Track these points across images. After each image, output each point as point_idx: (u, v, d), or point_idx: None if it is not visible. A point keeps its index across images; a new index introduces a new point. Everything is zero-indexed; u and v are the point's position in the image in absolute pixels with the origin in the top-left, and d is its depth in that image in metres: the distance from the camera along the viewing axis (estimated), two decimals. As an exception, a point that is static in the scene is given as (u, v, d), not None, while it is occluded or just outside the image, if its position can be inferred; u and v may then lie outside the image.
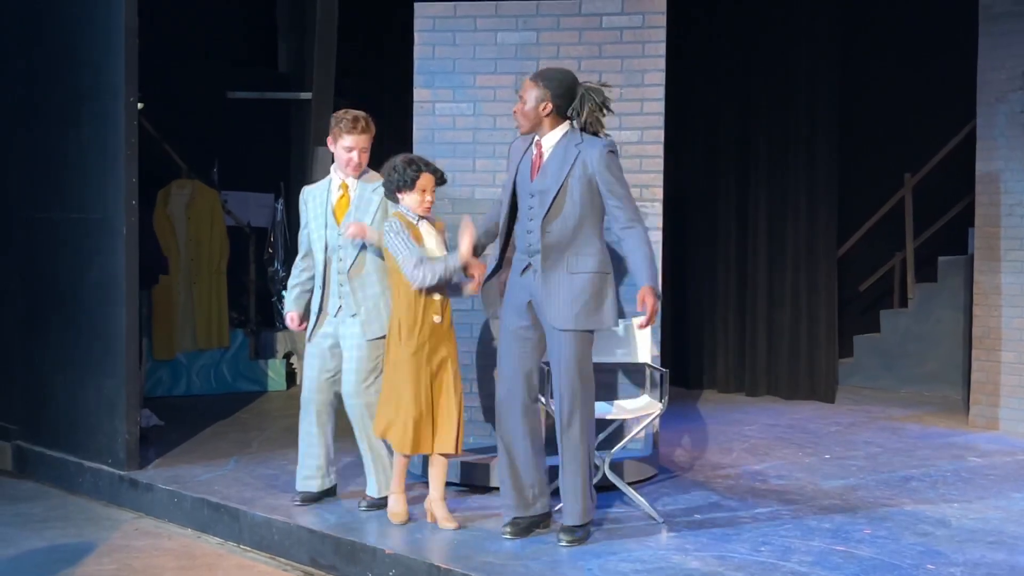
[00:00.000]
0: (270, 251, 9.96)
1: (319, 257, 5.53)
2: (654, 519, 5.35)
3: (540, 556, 4.79)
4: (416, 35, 6.47)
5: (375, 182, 5.46)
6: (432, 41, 6.44)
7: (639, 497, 5.47)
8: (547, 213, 4.86)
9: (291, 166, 10.67)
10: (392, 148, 7.87)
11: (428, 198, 5.18)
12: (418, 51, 6.47)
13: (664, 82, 6.34)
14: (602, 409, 5.59)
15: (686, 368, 9.77)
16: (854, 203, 9.60)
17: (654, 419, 5.66)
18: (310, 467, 5.69)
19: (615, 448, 5.59)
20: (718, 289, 9.72)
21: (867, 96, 9.64)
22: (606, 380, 6.15)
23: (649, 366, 5.86)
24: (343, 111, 5.49)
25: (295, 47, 10.75)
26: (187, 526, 5.83)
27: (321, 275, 5.52)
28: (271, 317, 9.90)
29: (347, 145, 5.40)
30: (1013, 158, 7.89)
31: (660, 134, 6.34)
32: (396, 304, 5.19)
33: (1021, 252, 7.81)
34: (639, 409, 5.67)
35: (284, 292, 6.00)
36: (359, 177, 5.51)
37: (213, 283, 9.38)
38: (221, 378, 9.34)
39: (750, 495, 5.93)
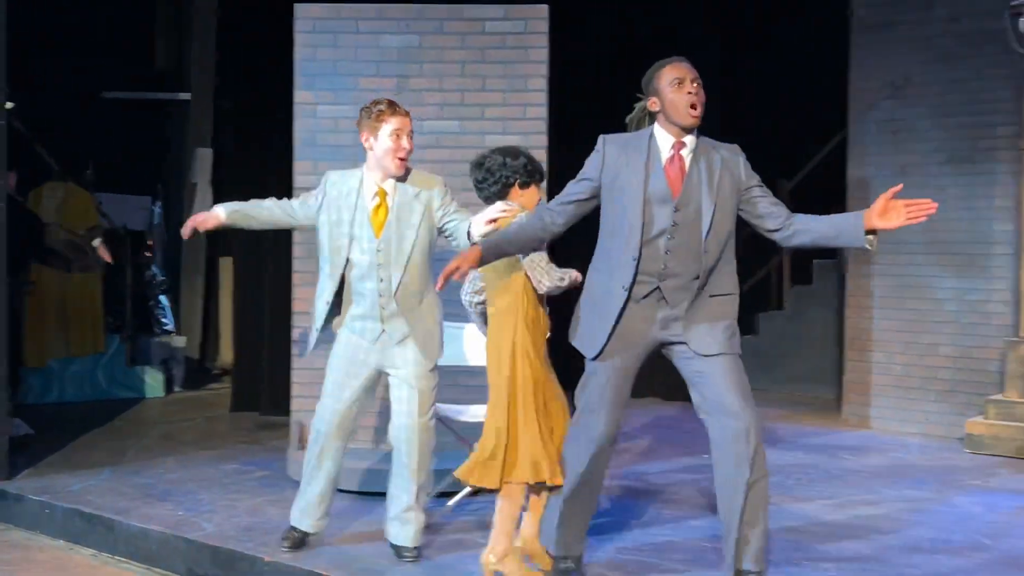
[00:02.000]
0: (147, 255, 9.76)
1: (336, 262, 4.75)
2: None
3: (424, 560, 4.78)
4: (296, 36, 6.41)
5: (418, 186, 4.79)
6: (313, 42, 6.39)
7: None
8: (709, 231, 4.16)
9: (169, 168, 10.48)
10: (275, 150, 7.88)
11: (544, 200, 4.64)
12: (299, 52, 6.41)
13: (547, 87, 6.40)
14: (454, 412, 5.60)
15: (567, 371, 9.82)
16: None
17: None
18: (319, 503, 4.91)
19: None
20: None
21: (744, 103, 9.86)
22: (466, 382, 6.15)
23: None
24: (368, 103, 4.79)
25: (173, 46, 10.58)
26: (59, 538, 5.67)
27: (335, 289, 4.78)
28: (148, 322, 9.69)
29: (393, 128, 4.67)
30: (883, 164, 8.17)
31: (543, 139, 6.40)
32: (507, 323, 4.48)
33: (891, 256, 8.08)
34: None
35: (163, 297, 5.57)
36: (400, 179, 4.78)
37: (88, 287, 9.13)
38: (96, 385, 9.10)
39: (631, 496, 6.01)
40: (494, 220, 4.47)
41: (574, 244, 4.95)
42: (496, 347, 4.49)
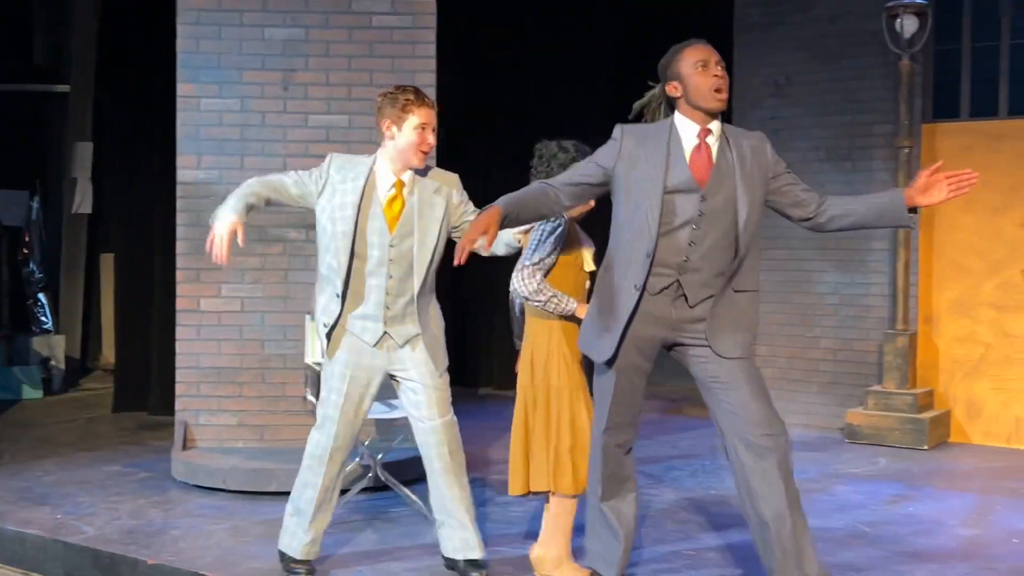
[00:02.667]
0: (25, 251, 9.46)
1: (342, 261, 4.31)
2: (429, 518, 5.34)
3: (318, 562, 4.73)
4: (179, 28, 6.27)
5: (438, 181, 4.47)
6: (196, 35, 6.26)
7: (413, 497, 5.47)
8: (745, 223, 3.86)
9: (47, 162, 10.16)
10: (157, 144, 7.71)
11: (591, 206, 4.33)
12: (181, 44, 6.27)
13: (435, 82, 6.37)
14: (380, 410, 5.58)
15: (465, 368, 9.85)
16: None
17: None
18: (317, 528, 4.48)
19: (388, 448, 5.56)
20: (494, 290, 9.82)
21: (633, 98, 9.93)
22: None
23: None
24: (387, 93, 4.38)
25: (52, 37, 10.25)
26: (-70, 544, 5.47)
27: (342, 287, 4.33)
28: (26, 321, 9.39)
29: (420, 122, 4.31)
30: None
31: (431, 134, 6.37)
32: (543, 328, 4.30)
33: (776, 251, 8.24)
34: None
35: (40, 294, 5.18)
36: (419, 172, 4.43)
37: (-39, 285, 8.83)
38: (-30, 386, 8.82)
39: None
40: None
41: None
42: (530, 352, 4.31)
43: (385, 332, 4.33)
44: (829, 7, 8.09)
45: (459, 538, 4.46)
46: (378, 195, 4.32)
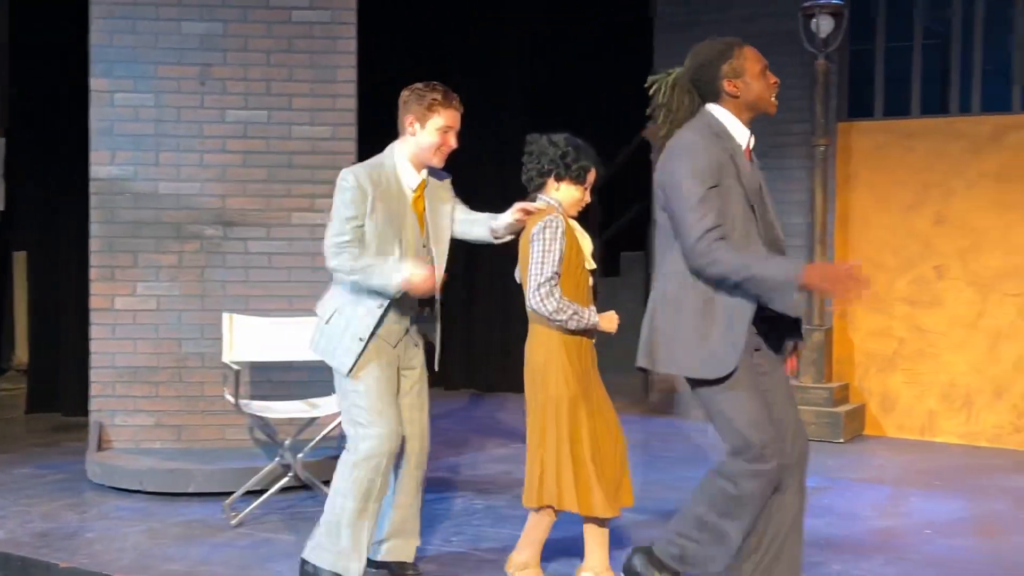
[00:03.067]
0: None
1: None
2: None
3: (230, 561, 4.67)
4: (92, 22, 6.14)
5: (443, 178, 4.40)
6: (110, 28, 6.14)
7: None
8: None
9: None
10: (71, 139, 7.54)
11: (587, 200, 4.26)
12: (94, 38, 6.15)
13: (356, 78, 6.33)
14: (297, 408, 5.53)
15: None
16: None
17: (347, 416, 5.61)
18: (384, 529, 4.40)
19: (307, 447, 5.51)
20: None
21: (550, 101, 9.95)
22: (300, 378, 6.10)
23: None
24: (415, 89, 4.23)
25: (-40, 29, 9.98)
26: None
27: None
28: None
29: (444, 124, 4.17)
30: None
31: (353, 130, 6.33)
32: (541, 336, 4.16)
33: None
34: (331, 406, 5.60)
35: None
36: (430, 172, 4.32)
37: None
38: None
39: (444, 487, 6.02)
40: (527, 213, 4.16)
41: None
42: (530, 362, 4.17)
43: (407, 331, 4.30)
44: (746, 7, 8.19)
45: (412, 546, 4.45)
46: (407, 196, 4.23)
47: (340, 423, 4.78)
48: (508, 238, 4.33)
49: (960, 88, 7.73)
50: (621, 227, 10.13)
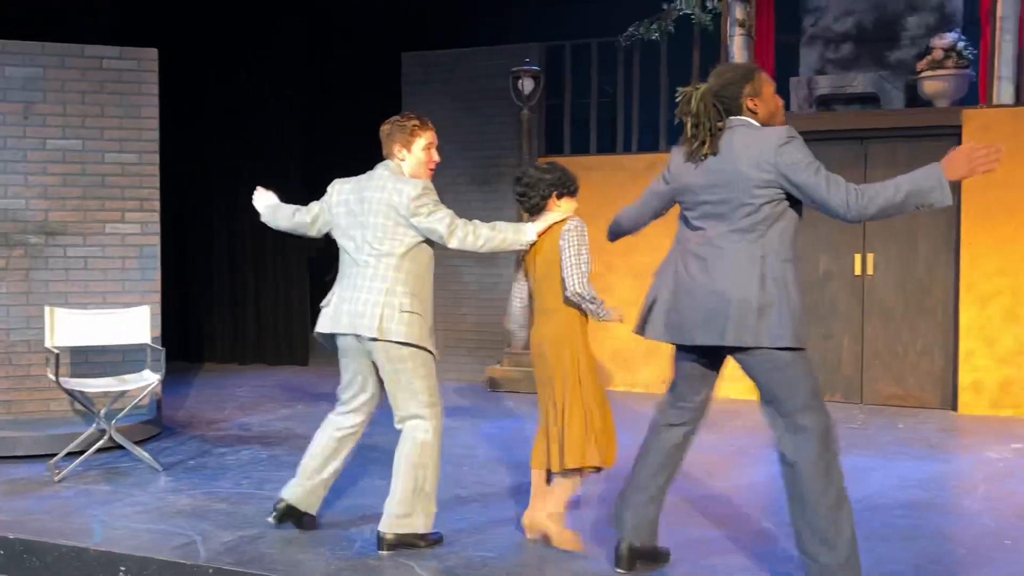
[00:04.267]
0: None
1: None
2: (156, 468, 5.11)
3: (54, 510, 4.39)
4: (-76, 63, 5.60)
5: None
6: (-59, 69, 5.62)
7: (143, 452, 5.20)
8: None
9: None
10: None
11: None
12: (-74, 77, 5.61)
13: (158, 115, 6.05)
14: (110, 383, 5.25)
15: (188, 346, 9.42)
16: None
17: (153, 388, 5.36)
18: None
19: (120, 414, 5.24)
20: (213, 282, 9.48)
21: (322, 142, 9.82)
22: (113, 359, 5.81)
23: (149, 345, 5.57)
24: (394, 122, 3.95)
25: None
26: None
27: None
28: None
29: (429, 142, 3.93)
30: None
31: (156, 157, 6.05)
32: (562, 317, 3.82)
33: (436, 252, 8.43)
34: (140, 380, 5.37)
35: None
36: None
37: None
38: None
39: (237, 442, 5.86)
40: (547, 226, 3.86)
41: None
42: (550, 341, 3.78)
43: None
44: (469, 69, 8.36)
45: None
46: None
47: (147, 393, 4.51)
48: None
49: (624, 133, 8.12)
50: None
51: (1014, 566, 3.69)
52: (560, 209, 3.88)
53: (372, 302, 3.75)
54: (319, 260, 10.00)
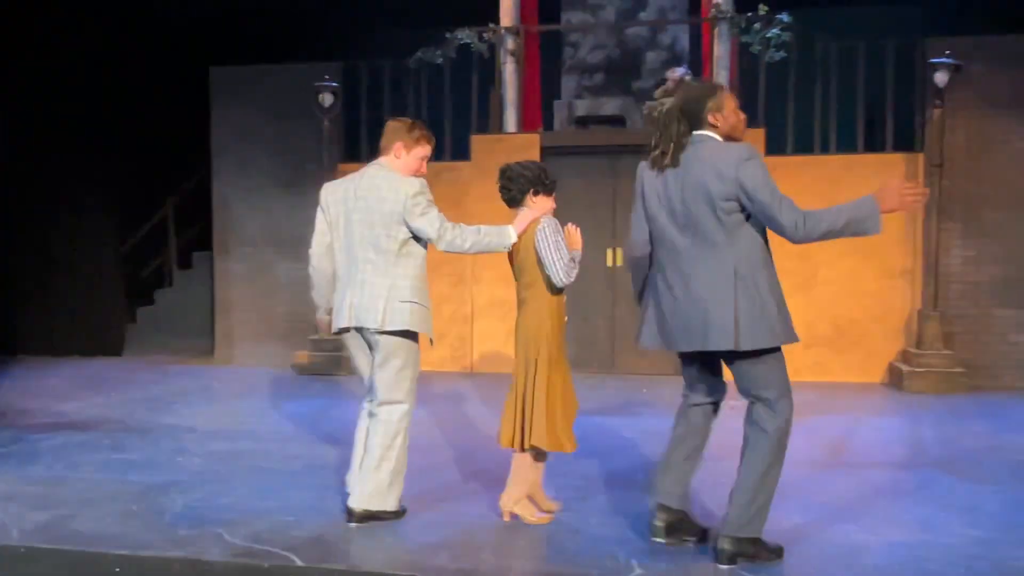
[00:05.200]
0: None
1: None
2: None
3: None
4: None
5: None
6: None
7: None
8: None
9: None
10: None
11: (554, 206, 3.84)
12: None
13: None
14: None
15: (2, 339, 8.79)
16: (136, 216, 9.39)
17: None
18: None
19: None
20: (26, 274, 8.86)
21: (134, 142, 9.39)
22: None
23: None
24: (404, 121, 3.81)
25: None
26: None
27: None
28: None
29: (424, 154, 3.80)
30: (237, 185, 8.37)
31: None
32: (534, 308, 3.71)
33: (243, 248, 8.33)
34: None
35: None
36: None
37: None
38: None
39: (51, 429, 5.60)
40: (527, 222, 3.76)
41: None
42: (526, 329, 3.70)
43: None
44: (275, 84, 8.28)
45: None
46: None
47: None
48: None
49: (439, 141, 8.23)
50: (192, 234, 9.80)
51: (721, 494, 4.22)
52: (536, 205, 3.78)
53: (376, 296, 3.65)
54: (133, 254, 9.60)
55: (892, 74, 7.41)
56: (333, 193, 3.82)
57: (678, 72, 9.04)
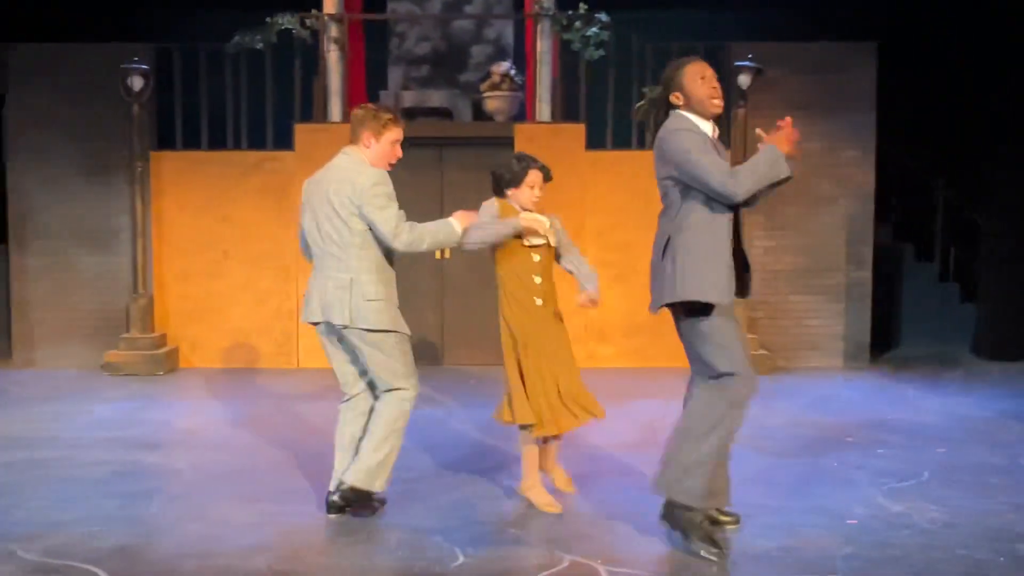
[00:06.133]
0: None
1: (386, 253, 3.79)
2: None
3: None
4: None
5: None
6: None
7: None
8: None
9: None
10: None
11: (536, 192, 3.88)
12: None
13: None
14: None
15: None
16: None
17: None
18: None
19: None
20: None
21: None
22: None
23: None
24: (369, 109, 3.80)
25: None
26: None
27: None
28: None
29: (396, 138, 3.77)
30: (33, 175, 7.76)
31: None
32: (499, 293, 3.90)
33: (42, 241, 7.74)
34: None
35: None
36: None
37: None
38: None
39: None
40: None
41: None
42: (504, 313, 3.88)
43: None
44: (79, 65, 7.72)
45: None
46: None
47: None
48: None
49: (234, 131, 7.96)
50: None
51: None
52: (516, 198, 3.89)
53: (340, 291, 3.65)
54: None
55: (701, 75, 7.88)
56: (307, 190, 3.84)
57: (503, 66, 9.26)
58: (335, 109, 7.82)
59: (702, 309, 3.32)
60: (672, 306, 3.38)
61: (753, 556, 3.40)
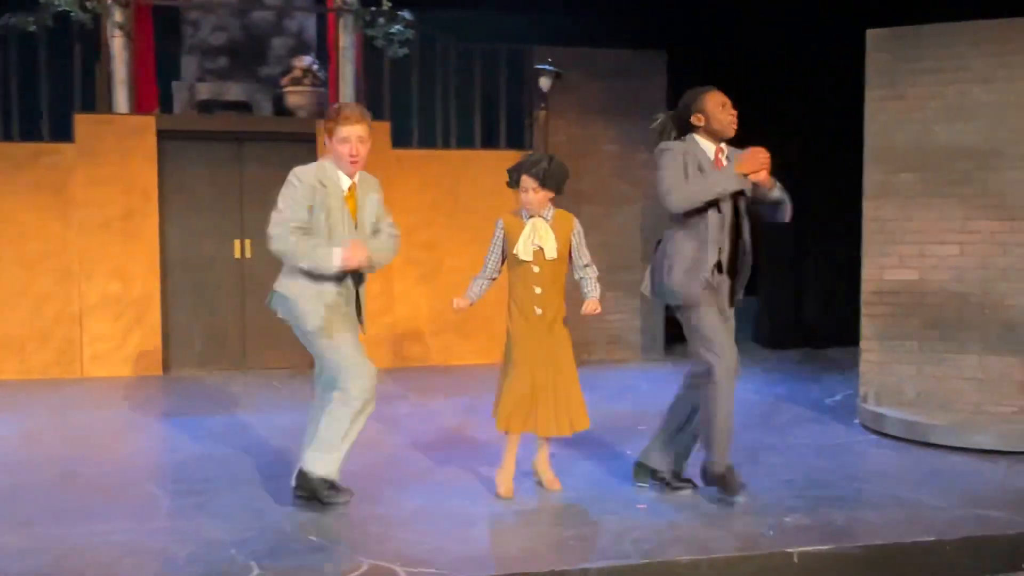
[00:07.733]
0: None
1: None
2: None
3: None
4: None
5: (371, 180, 3.92)
6: None
7: None
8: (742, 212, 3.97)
9: None
10: None
11: (531, 195, 3.98)
12: None
13: None
14: None
15: None
16: None
17: None
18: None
19: None
20: None
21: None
22: None
23: None
24: (331, 107, 3.86)
25: None
26: None
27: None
28: None
29: (343, 135, 3.73)
30: None
31: None
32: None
33: None
34: None
35: None
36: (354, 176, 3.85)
37: None
38: None
39: None
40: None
41: None
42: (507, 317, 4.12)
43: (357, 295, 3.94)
44: None
45: None
46: (342, 193, 3.80)
47: None
48: None
49: (4, 120, 7.30)
50: None
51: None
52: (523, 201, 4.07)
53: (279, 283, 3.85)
54: None
55: (505, 77, 8.11)
56: None
57: (305, 61, 9.13)
58: (121, 99, 7.36)
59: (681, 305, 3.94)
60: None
61: (555, 543, 3.56)
